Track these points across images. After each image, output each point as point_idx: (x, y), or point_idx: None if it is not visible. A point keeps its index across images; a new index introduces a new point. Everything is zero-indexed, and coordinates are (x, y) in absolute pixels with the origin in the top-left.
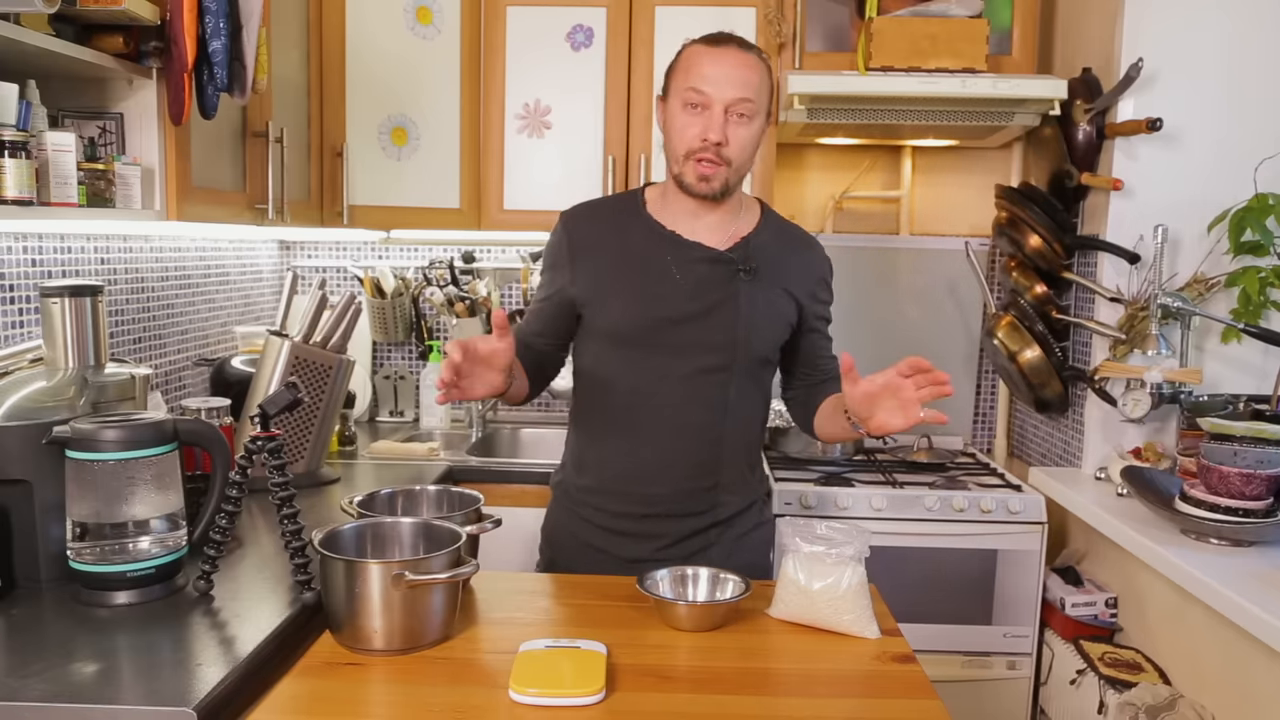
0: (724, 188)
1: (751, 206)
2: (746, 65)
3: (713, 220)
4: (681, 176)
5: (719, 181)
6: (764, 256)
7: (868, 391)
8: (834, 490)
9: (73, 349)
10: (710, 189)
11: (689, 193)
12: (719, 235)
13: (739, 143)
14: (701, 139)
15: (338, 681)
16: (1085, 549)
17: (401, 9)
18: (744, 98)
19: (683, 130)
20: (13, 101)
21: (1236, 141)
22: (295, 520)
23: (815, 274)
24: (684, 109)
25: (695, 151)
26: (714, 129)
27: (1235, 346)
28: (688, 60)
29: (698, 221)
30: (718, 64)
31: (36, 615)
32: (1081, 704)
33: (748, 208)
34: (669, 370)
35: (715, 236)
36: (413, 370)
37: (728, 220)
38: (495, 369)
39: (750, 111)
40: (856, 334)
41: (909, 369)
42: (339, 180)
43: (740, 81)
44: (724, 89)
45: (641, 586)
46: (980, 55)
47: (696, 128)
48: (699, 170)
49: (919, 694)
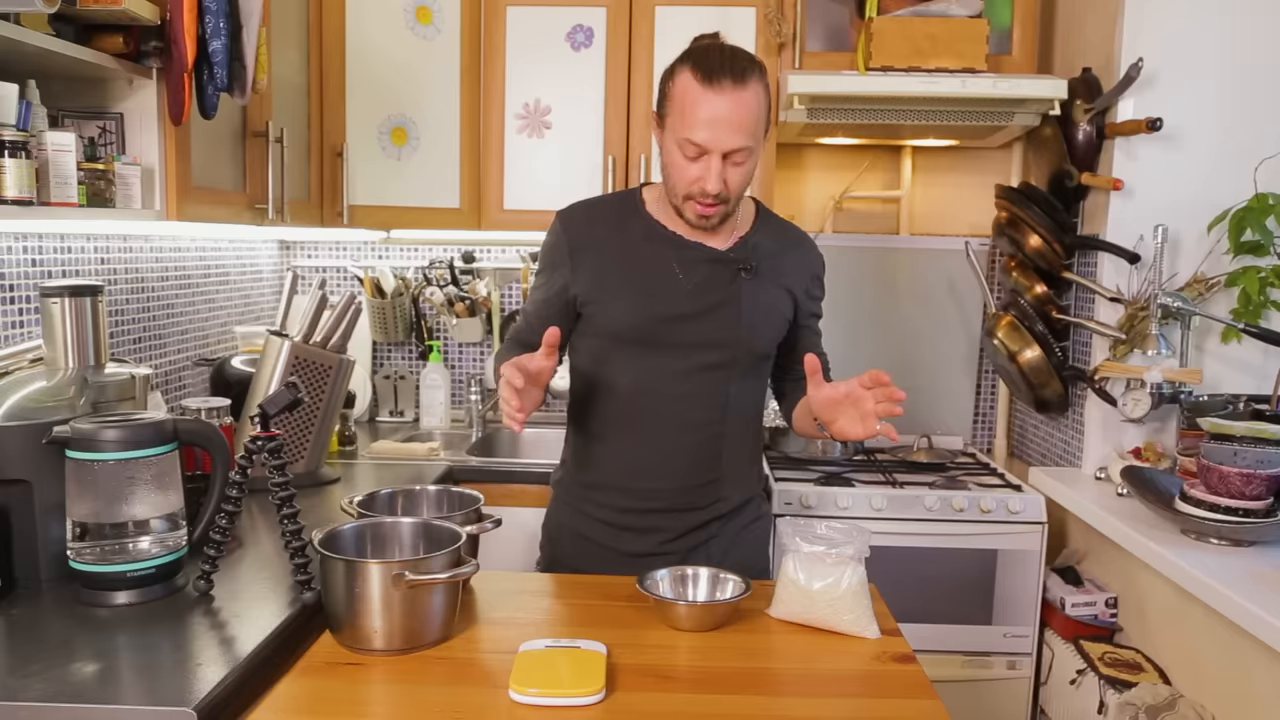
0: (722, 219)
1: (746, 205)
2: (743, 106)
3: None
4: (681, 211)
5: (718, 218)
6: (762, 254)
7: (831, 397)
8: (834, 490)
9: (73, 349)
10: (709, 224)
11: (688, 224)
12: (719, 236)
13: (738, 182)
14: (700, 186)
15: (338, 681)
16: (1085, 549)
17: (401, 9)
18: (741, 146)
19: (681, 172)
20: (13, 101)
21: (1236, 141)
22: (295, 520)
23: (810, 270)
24: (681, 150)
25: (694, 196)
26: (712, 180)
27: (1235, 346)
28: (682, 98)
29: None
30: (713, 111)
31: (36, 615)
32: (1081, 704)
33: (743, 207)
34: (671, 367)
35: (716, 238)
36: (413, 370)
37: (726, 224)
38: (541, 385)
39: (748, 154)
40: (857, 334)
41: (870, 381)
42: (339, 180)
43: (737, 127)
44: (722, 139)
45: (641, 586)
46: (980, 55)
47: (694, 172)
48: (698, 210)
49: (919, 694)
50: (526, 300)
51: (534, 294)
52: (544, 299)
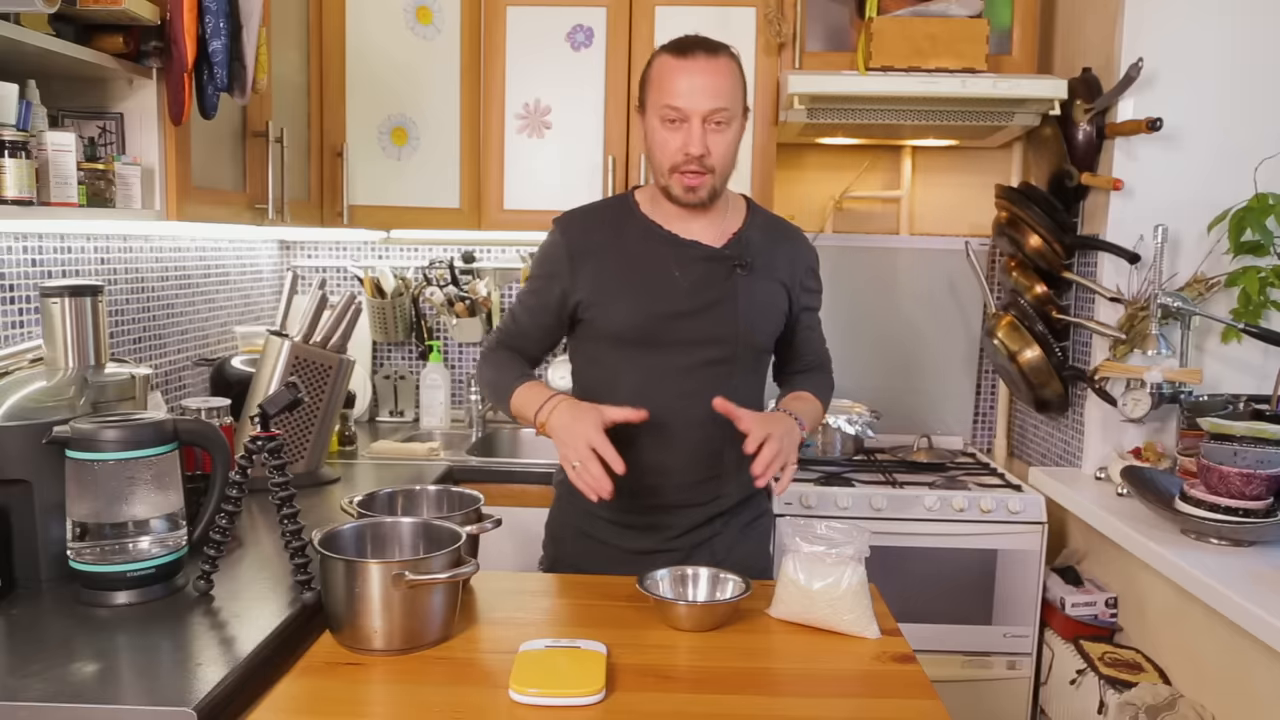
0: (711, 194)
1: (737, 203)
2: (717, 72)
3: (704, 220)
4: (669, 189)
5: (705, 190)
6: (756, 250)
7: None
8: (834, 490)
9: (73, 349)
10: (698, 198)
11: (677, 203)
12: (713, 233)
13: (720, 150)
14: (683, 153)
15: (338, 681)
16: (1085, 549)
17: (401, 9)
18: (719, 107)
19: (664, 146)
20: (13, 101)
21: (1236, 141)
22: (295, 520)
23: (803, 263)
24: (662, 125)
25: (679, 165)
26: (694, 143)
27: (1235, 346)
28: (659, 75)
29: (690, 223)
30: (689, 77)
31: (36, 615)
32: (1081, 704)
33: (734, 204)
34: (672, 365)
35: (710, 234)
36: (413, 370)
37: (718, 219)
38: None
39: (726, 118)
40: (857, 334)
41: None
42: (339, 180)
43: (713, 91)
44: (698, 101)
45: (641, 586)
46: (980, 55)
47: (677, 142)
48: (685, 182)
49: (919, 694)
50: (516, 303)
51: (526, 299)
52: (538, 305)
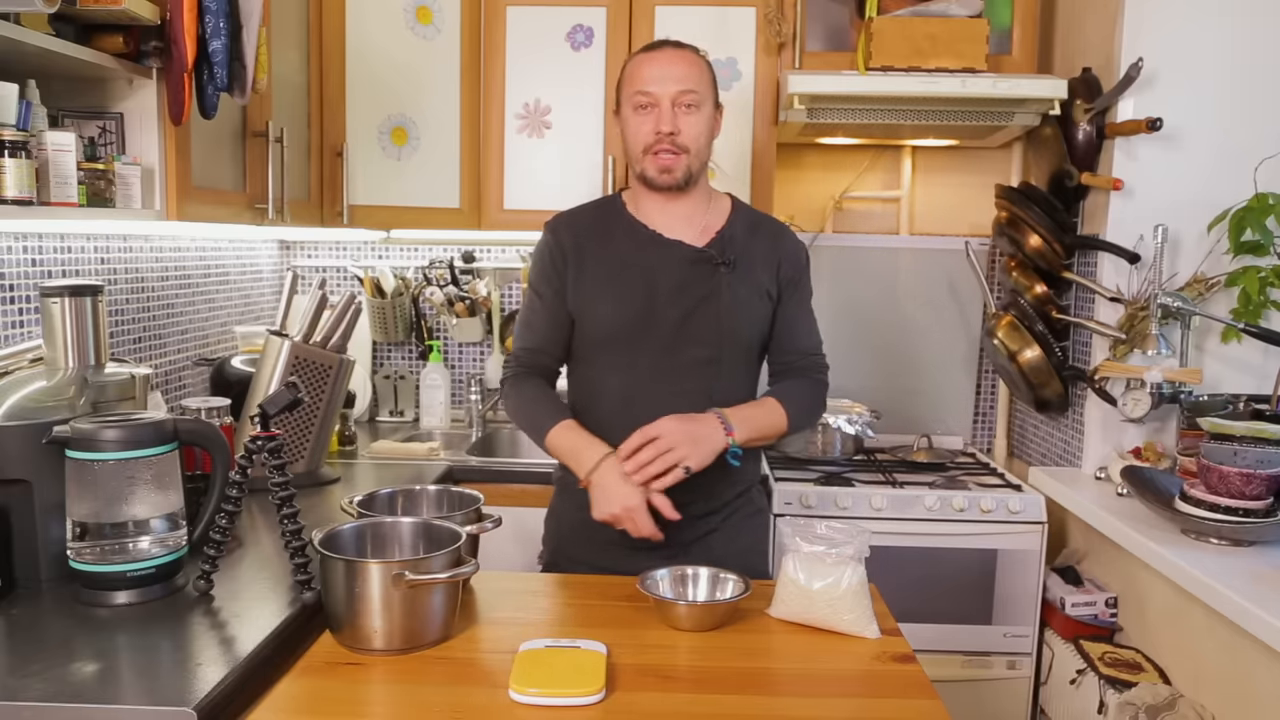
0: (686, 176)
1: (721, 201)
2: (684, 60)
3: (683, 211)
4: (645, 172)
5: (680, 171)
6: (739, 248)
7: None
8: (834, 490)
9: (73, 349)
10: (673, 179)
11: (654, 187)
12: (694, 229)
13: (691, 130)
14: (655, 132)
15: (338, 681)
16: (1085, 549)
17: (401, 9)
18: (686, 89)
19: (637, 130)
20: (13, 101)
21: (1236, 141)
22: (295, 520)
23: (790, 260)
24: (635, 112)
25: (651, 145)
26: (665, 120)
27: (1235, 346)
28: (631, 70)
29: (670, 215)
30: (657, 65)
31: (36, 615)
32: (1081, 704)
33: (717, 202)
34: (660, 364)
35: (691, 231)
36: (413, 370)
37: (698, 212)
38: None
39: (695, 101)
40: (857, 334)
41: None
42: (339, 180)
43: (680, 75)
44: (667, 85)
45: (641, 586)
46: (980, 55)
47: (649, 124)
48: (659, 163)
49: (919, 694)
50: (529, 317)
51: (537, 314)
52: (550, 313)
